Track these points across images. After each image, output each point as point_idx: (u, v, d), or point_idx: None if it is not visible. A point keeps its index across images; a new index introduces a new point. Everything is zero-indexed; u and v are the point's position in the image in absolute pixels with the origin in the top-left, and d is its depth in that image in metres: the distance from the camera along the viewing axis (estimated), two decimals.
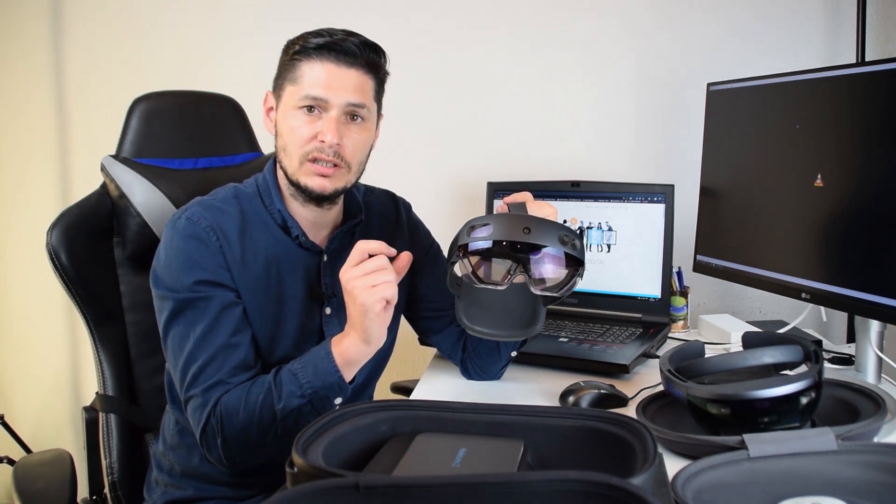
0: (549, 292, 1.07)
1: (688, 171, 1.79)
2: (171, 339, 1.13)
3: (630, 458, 0.71)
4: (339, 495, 0.56)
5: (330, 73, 1.12)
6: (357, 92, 1.13)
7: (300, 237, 1.19)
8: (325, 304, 1.23)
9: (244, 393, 1.09)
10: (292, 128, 1.13)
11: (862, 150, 1.23)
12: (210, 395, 1.09)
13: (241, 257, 1.16)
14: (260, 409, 1.07)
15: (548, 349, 1.43)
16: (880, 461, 0.82)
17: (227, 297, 1.14)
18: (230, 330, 1.12)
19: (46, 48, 2.07)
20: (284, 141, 1.15)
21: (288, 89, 1.14)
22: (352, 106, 1.13)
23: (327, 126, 1.12)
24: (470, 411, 0.81)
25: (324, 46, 1.11)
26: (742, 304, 2.01)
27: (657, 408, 1.09)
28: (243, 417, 1.07)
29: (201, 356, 1.10)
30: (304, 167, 1.14)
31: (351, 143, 1.14)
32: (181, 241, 1.13)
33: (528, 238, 1.01)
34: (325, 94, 1.11)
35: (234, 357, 1.11)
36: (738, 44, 1.97)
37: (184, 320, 1.12)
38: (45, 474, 1.28)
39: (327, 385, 1.07)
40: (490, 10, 2.00)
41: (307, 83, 1.12)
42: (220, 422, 1.08)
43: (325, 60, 1.12)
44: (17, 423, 2.07)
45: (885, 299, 1.15)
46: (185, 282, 1.12)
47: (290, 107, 1.13)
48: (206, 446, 1.10)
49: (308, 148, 1.13)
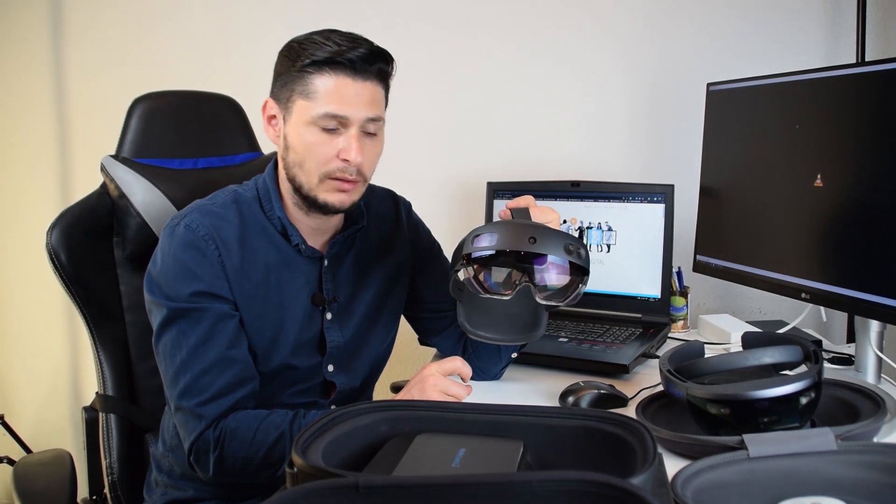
0: (553, 301, 1.06)
1: (688, 171, 1.79)
2: (162, 345, 1.13)
3: (630, 458, 0.71)
4: (339, 495, 0.56)
5: (346, 88, 1.09)
6: (373, 105, 1.11)
7: (300, 245, 1.19)
8: (327, 309, 1.23)
9: (254, 428, 1.08)
10: (309, 145, 1.10)
11: (862, 150, 1.23)
12: (207, 411, 1.08)
13: (240, 265, 1.15)
14: (268, 450, 1.07)
15: (548, 349, 1.43)
16: (880, 461, 0.82)
17: (222, 309, 1.12)
18: (225, 343, 1.11)
19: (46, 48, 2.07)
20: (300, 157, 1.12)
21: (300, 103, 1.10)
22: (369, 121, 1.11)
23: (350, 144, 1.10)
24: (470, 411, 0.81)
25: (335, 60, 1.08)
26: (742, 304, 2.01)
27: (657, 408, 1.09)
28: (250, 451, 1.07)
29: (194, 367, 1.09)
30: (324, 184, 1.12)
31: (369, 158, 1.13)
32: (179, 250, 1.12)
33: (534, 248, 1.00)
34: (343, 111, 1.08)
35: (229, 371, 1.10)
36: (738, 44, 1.97)
37: (176, 329, 1.11)
38: (45, 474, 1.29)
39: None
40: (490, 10, 2.00)
41: (322, 99, 1.08)
42: (221, 442, 1.08)
43: (339, 74, 1.08)
44: (17, 423, 2.07)
45: (885, 299, 1.15)
46: (181, 292, 1.10)
47: (305, 122, 1.10)
48: (195, 457, 1.10)
49: (330, 167, 1.11)
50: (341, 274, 1.24)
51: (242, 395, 1.12)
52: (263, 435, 1.07)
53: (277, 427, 1.08)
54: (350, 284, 1.25)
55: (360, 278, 1.26)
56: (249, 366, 1.14)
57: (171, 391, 1.12)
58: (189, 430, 1.09)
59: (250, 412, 1.11)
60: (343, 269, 1.25)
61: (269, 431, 1.07)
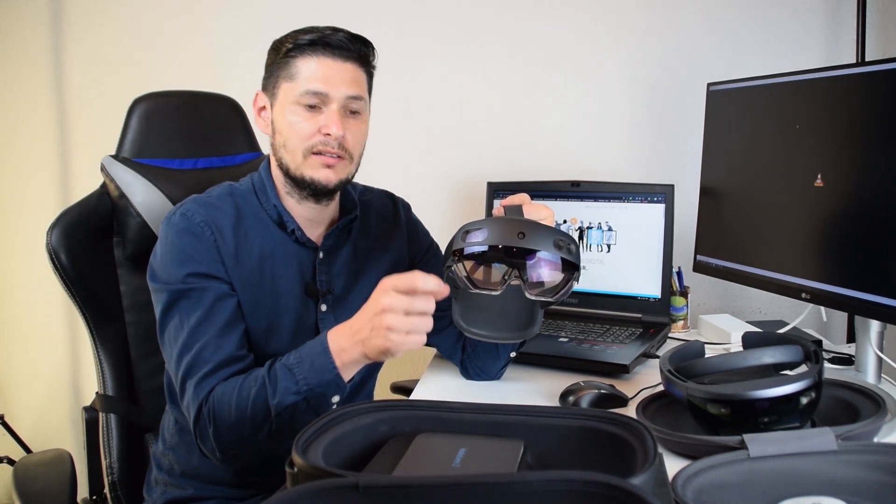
0: (544, 297, 1.06)
1: (688, 171, 1.79)
2: (167, 333, 1.13)
3: (630, 458, 0.71)
4: (339, 495, 0.56)
5: (327, 67, 1.13)
6: (354, 84, 1.15)
7: (296, 231, 1.20)
8: (321, 300, 1.23)
9: (236, 386, 1.07)
10: (293, 123, 1.14)
11: (862, 150, 1.23)
12: (203, 385, 1.08)
13: (235, 252, 1.16)
14: (253, 404, 1.04)
15: (548, 349, 1.43)
16: (880, 461, 0.82)
17: (221, 288, 1.14)
18: (223, 320, 1.12)
19: (47, 48, 2.07)
20: (284, 137, 1.16)
21: (284, 86, 1.15)
22: (350, 98, 1.15)
23: (331, 119, 1.13)
24: (470, 411, 0.81)
25: (317, 42, 1.13)
26: (742, 304, 2.01)
27: (657, 408, 1.09)
28: (236, 411, 1.05)
29: (195, 345, 1.10)
30: (308, 160, 1.15)
31: (352, 135, 1.16)
32: (176, 235, 1.14)
33: (522, 243, 1.00)
34: (325, 87, 1.13)
35: (226, 347, 1.11)
36: (739, 44, 1.97)
37: (178, 312, 1.12)
38: (45, 474, 1.28)
39: (324, 382, 1.03)
40: (490, 10, 2.00)
41: (305, 78, 1.13)
42: (213, 413, 1.06)
43: (320, 55, 1.13)
44: (17, 423, 2.07)
45: (885, 299, 1.15)
46: (179, 274, 1.12)
47: (289, 102, 1.14)
48: (200, 437, 1.10)
49: (312, 142, 1.14)
50: (337, 266, 1.25)
51: (239, 368, 1.11)
52: (247, 391, 1.05)
53: (256, 378, 1.06)
54: (346, 277, 1.26)
55: (357, 272, 1.27)
56: (245, 344, 1.15)
57: (176, 373, 1.12)
58: (190, 410, 1.09)
59: (235, 377, 1.09)
60: (339, 261, 1.26)
61: (248, 387, 1.05)
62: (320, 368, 1.04)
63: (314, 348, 1.05)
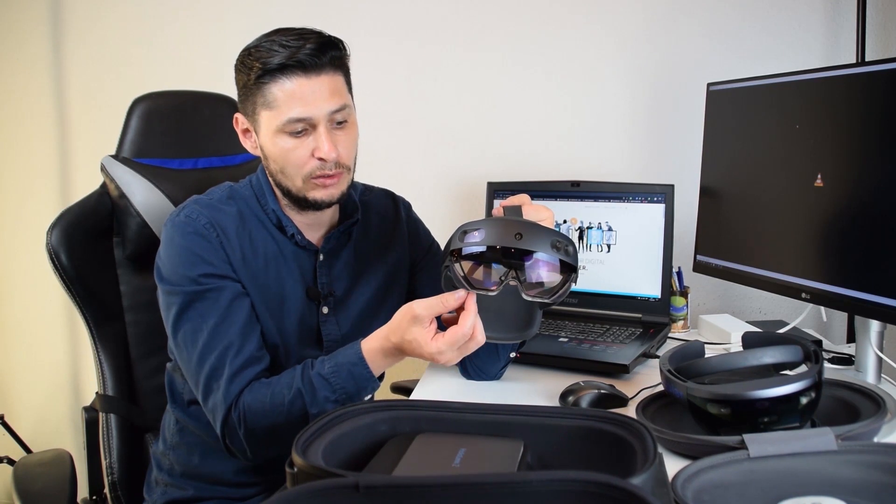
0: (541, 298, 1.06)
1: (688, 171, 1.79)
2: (181, 335, 1.13)
3: (630, 458, 0.71)
4: (339, 495, 0.56)
5: (303, 88, 1.10)
6: (335, 96, 1.12)
7: (296, 235, 1.20)
8: (322, 303, 1.23)
9: (268, 393, 1.09)
10: (284, 151, 1.13)
11: (862, 150, 1.23)
12: (231, 388, 1.09)
13: (240, 254, 1.17)
14: (288, 411, 1.07)
15: (548, 349, 1.43)
16: (880, 461, 0.82)
17: (235, 288, 1.15)
18: (243, 320, 1.13)
19: (47, 48, 2.07)
20: (279, 165, 1.15)
21: (264, 115, 1.13)
22: (334, 113, 1.12)
23: (321, 143, 1.11)
24: (470, 411, 0.81)
25: (287, 64, 1.09)
26: (742, 304, 2.01)
27: (657, 408, 1.09)
28: (271, 417, 1.08)
29: (217, 346, 1.10)
30: (308, 184, 1.15)
31: (344, 148, 1.15)
32: (183, 237, 1.14)
33: (519, 244, 1.00)
34: (306, 112, 1.10)
35: (247, 347, 1.12)
36: (739, 44, 1.97)
37: (194, 313, 1.12)
38: (45, 474, 1.29)
39: (362, 388, 1.09)
40: (490, 10, 2.00)
41: (284, 105, 1.10)
42: (243, 417, 1.08)
43: (292, 77, 1.10)
44: (17, 423, 2.07)
45: (885, 299, 1.15)
46: (191, 275, 1.12)
47: (274, 132, 1.12)
48: (229, 437, 1.11)
49: (309, 168, 1.13)
50: (338, 269, 1.25)
51: (262, 368, 1.13)
52: (280, 398, 1.08)
53: (290, 386, 1.09)
54: (348, 279, 1.26)
55: (359, 274, 1.27)
56: (262, 343, 1.16)
57: (198, 375, 1.12)
58: (217, 415, 1.10)
59: (261, 381, 1.12)
60: (340, 263, 1.26)
61: (282, 394, 1.08)
62: (358, 377, 1.08)
63: (348, 357, 1.09)
